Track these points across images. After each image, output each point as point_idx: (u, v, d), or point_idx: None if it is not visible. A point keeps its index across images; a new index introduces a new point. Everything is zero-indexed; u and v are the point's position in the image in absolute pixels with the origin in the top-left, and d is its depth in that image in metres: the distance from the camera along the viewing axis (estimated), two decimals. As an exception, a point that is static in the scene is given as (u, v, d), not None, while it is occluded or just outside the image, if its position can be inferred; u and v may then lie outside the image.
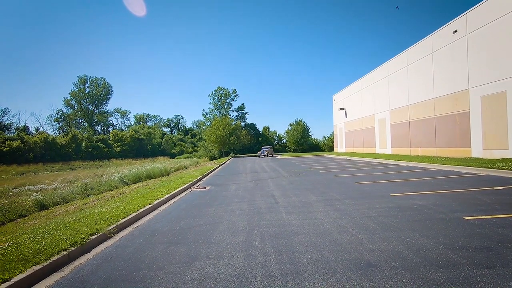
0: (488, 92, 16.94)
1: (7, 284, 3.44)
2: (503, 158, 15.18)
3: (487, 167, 12.33)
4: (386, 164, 19.52)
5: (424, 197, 7.83)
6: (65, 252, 4.46)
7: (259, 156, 43.19)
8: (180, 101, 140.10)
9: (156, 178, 19.73)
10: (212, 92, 71.71)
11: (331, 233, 5.19)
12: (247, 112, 74.94)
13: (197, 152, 64.76)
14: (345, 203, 7.65)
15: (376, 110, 31.53)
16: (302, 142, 63.33)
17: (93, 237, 5.21)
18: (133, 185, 16.57)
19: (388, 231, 5.11)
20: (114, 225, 5.99)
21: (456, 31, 19.37)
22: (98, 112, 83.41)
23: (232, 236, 5.33)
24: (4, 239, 5.57)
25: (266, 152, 42.90)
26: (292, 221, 6.20)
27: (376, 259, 3.93)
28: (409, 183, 10.71)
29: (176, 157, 60.83)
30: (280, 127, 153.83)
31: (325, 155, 40.31)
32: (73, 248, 4.63)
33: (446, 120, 20.62)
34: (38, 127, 70.75)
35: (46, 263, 4.05)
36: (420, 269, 3.53)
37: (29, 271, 3.79)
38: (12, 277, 3.58)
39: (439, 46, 21.16)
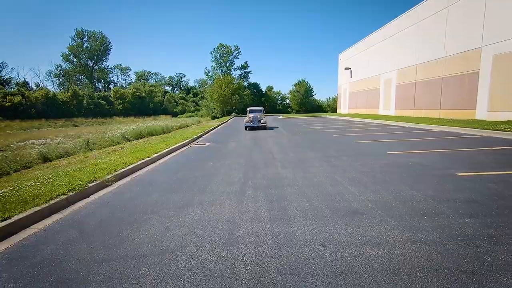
0: (502, 50, 16.04)
1: (7, 221, 3.61)
2: (507, 120, 14.90)
3: (489, 129, 12.17)
4: (387, 125, 19.34)
5: (421, 156, 7.85)
6: (63, 197, 4.62)
7: (246, 128, 19.85)
8: (181, 59, 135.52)
9: (157, 135, 19.83)
10: (214, 49, 68.49)
11: (323, 185, 5.29)
12: (250, 71, 72.10)
13: (199, 111, 64.28)
14: (341, 160, 7.71)
15: (382, 69, 30.34)
16: (305, 102, 62.33)
17: (91, 184, 5.36)
18: (134, 141, 16.72)
19: (379, 184, 5.19)
20: (113, 175, 6.14)
21: (477, -19, 17.75)
22: (98, 68, 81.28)
23: (226, 186, 5.46)
24: (6, 185, 5.75)
25: (263, 120, 19.86)
26: (287, 174, 6.30)
27: (364, 208, 4.04)
28: (407, 143, 10.68)
29: (178, 116, 60.45)
30: (284, 87, 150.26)
31: (328, 116, 39.89)
32: (71, 194, 4.79)
33: (454, 80, 19.88)
34: (38, 82, 69.64)
35: (45, 206, 4.21)
36: (405, 217, 3.64)
37: (29, 211, 3.96)
38: (12, 216, 3.75)
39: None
